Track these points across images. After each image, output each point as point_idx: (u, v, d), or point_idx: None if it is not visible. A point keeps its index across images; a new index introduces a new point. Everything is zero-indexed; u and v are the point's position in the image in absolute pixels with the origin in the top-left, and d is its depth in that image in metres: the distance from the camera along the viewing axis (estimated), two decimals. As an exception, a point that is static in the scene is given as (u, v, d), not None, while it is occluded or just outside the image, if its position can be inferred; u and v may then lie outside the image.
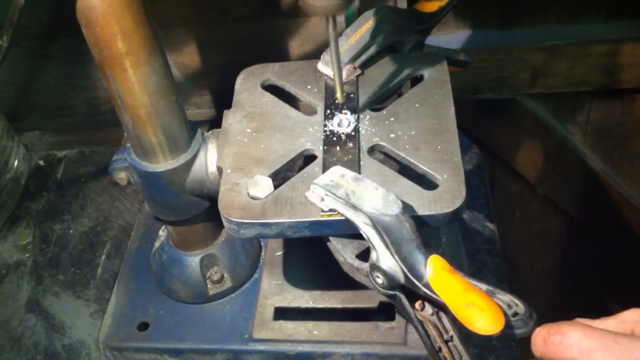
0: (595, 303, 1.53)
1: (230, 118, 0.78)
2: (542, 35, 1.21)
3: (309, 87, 0.80)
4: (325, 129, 0.74)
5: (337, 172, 0.65)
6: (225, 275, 0.90)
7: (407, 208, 0.62)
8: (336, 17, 0.66)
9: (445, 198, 0.65)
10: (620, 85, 1.24)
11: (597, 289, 1.53)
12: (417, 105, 0.76)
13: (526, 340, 0.50)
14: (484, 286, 0.56)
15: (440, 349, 0.60)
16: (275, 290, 0.89)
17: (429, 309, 0.62)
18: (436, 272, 0.57)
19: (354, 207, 0.61)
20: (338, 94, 0.74)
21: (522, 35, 1.23)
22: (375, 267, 0.61)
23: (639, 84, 1.23)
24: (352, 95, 0.77)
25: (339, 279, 0.70)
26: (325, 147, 0.72)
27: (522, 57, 1.23)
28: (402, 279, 0.59)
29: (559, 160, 1.37)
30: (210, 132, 0.80)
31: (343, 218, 0.63)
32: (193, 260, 0.88)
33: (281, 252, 0.93)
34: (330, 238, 0.69)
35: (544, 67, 1.23)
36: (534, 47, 1.22)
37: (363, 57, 0.80)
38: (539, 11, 1.22)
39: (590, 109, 1.32)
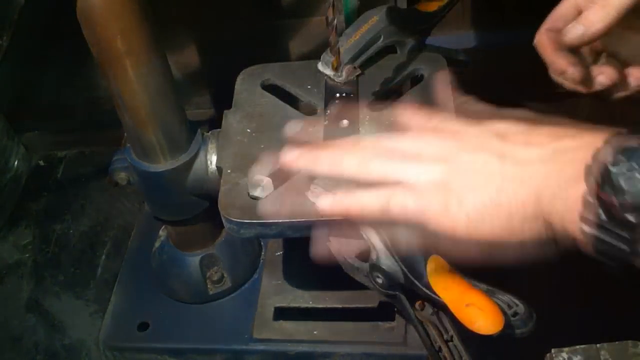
0: (595, 303, 1.52)
1: (230, 118, 0.78)
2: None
3: (309, 87, 0.80)
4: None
5: (337, 172, 0.65)
6: (225, 275, 0.90)
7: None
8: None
9: (445, 198, 0.65)
10: (620, 85, 1.24)
11: (597, 289, 1.52)
12: (417, 105, 0.75)
13: (526, 340, 0.50)
14: (484, 286, 0.57)
15: (440, 349, 0.60)
16: (275, 290, 0.89)
17: (429, 309, 0.62)
18: (436, 272, 0.57)
19: (354, 207, 0.61)
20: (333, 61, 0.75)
21: (522, 35, 1.22)
22: (375, 267, 0.61)
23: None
24: (352, 96, 0.77)
25: (339, 279, 0.70)
26: (325, 147, 0.72)
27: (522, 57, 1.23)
28: (402, 279, 0.59)
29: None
30: (210, 132, 0.80)
31: (343, 218, 0.63)
32: (193, 260, 0.88)
33: (281, 252, 0.93)
34: (330, 238, 0.69)
35: (544, 67, 1.23)
36: (534, 47, 1.21)
37: (363, 57, 0.80)
38: (539, 11, 1.22)
39: (590, 108, 1.31)
